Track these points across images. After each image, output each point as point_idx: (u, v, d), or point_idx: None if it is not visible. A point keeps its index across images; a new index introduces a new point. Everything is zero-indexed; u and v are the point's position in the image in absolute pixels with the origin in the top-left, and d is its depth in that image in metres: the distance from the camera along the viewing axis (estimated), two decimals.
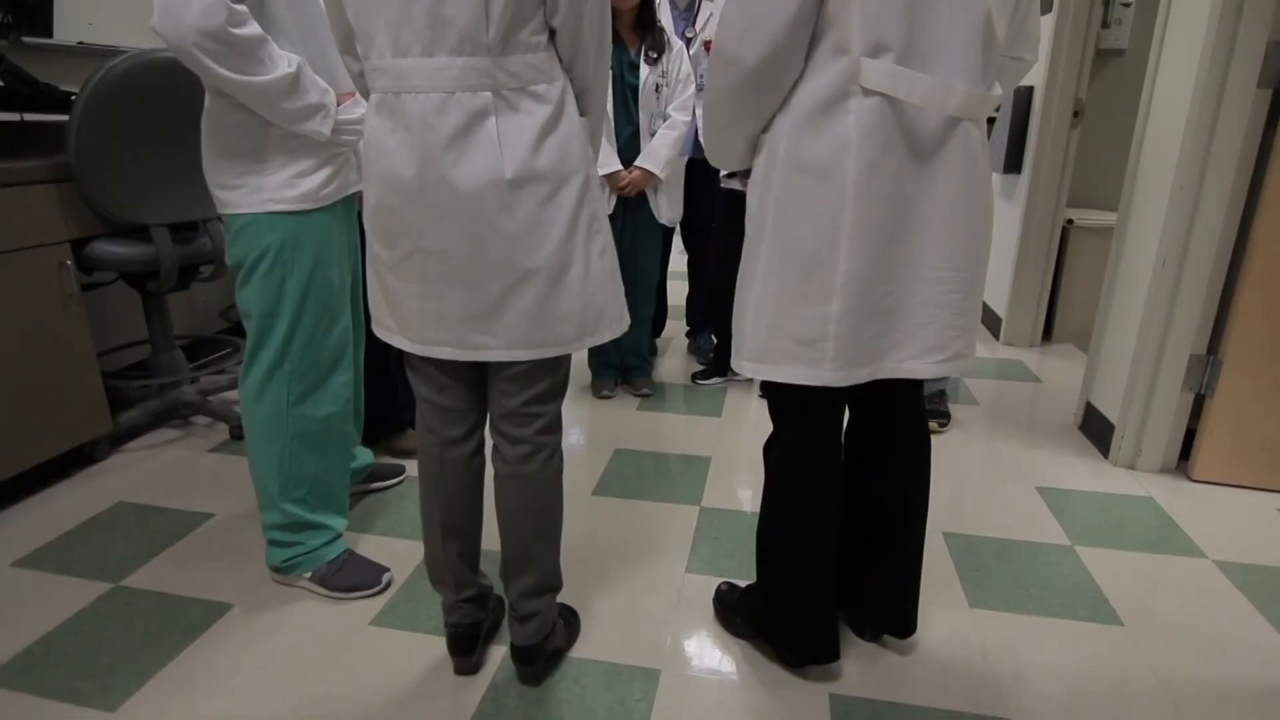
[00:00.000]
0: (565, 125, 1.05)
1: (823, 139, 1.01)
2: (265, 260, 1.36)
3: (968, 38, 0.97)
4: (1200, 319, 1.94)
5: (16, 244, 1.77)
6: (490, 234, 1.03)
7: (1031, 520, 1.82)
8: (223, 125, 1.32)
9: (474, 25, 0.95)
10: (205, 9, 1.13)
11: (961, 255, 1.05)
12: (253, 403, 1.44)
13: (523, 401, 1.16)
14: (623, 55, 2.26)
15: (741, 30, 1.00)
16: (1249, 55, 1.76)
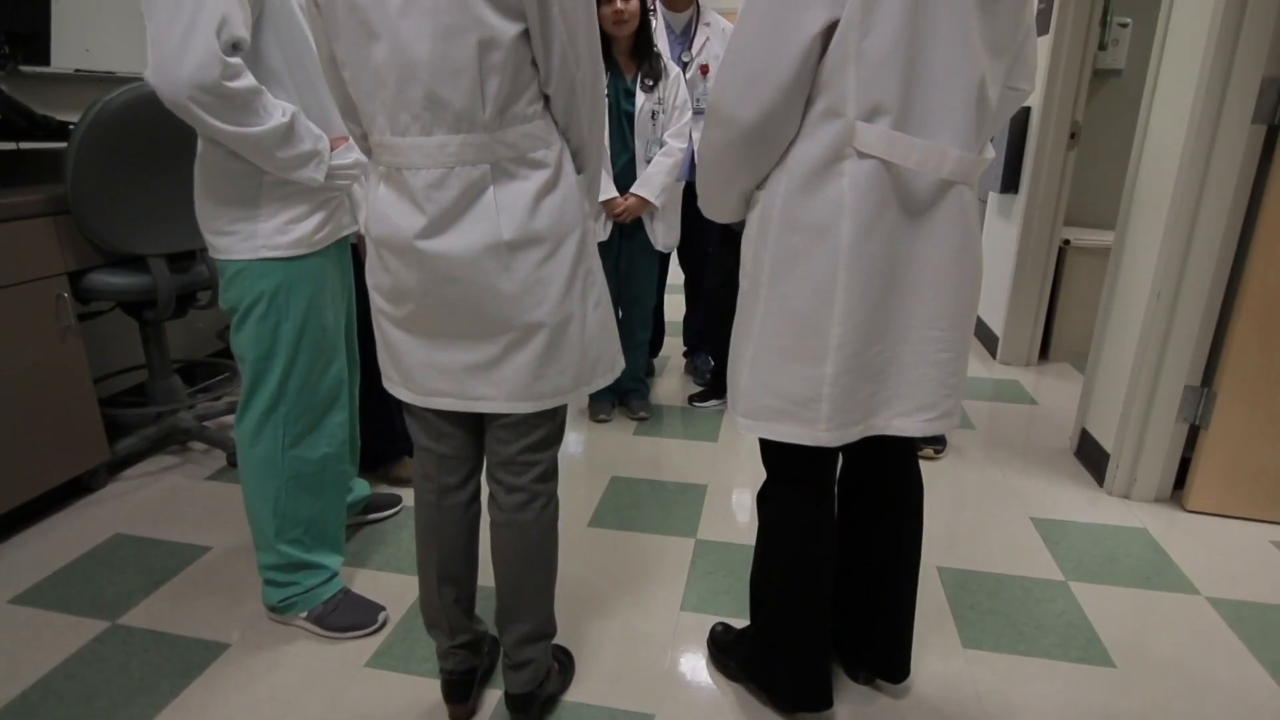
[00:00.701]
0: (562, 186, 1.06)
1: (818, 200, 1.01)
2: (259, 306, 1.36)
3: (962, 102, 0.98)
4: (1195, 351, 1.95)
5: (14, 278, 1.78)
6: (490, 295, 1.04)
7: (1025, 553, 1.83)
8: (216, 172, 1.32)
9: (470, 105, 0.96)
10: (200, 63, 1.13)
11: (952, 315, 1.06)
12: (248, 445, 1.44)
13: (519, 450, 1.17)
14: (619, 82, 2.27)
15: (738, 89, 1.00)
16: (1243, 91, 1.76)
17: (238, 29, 1.17)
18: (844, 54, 0.94)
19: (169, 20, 1.13)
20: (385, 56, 0.96)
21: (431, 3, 0.92)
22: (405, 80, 0.96)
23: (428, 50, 0.94)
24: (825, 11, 0.92)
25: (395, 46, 0.95)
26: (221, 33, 1.14)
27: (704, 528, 1.93)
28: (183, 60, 1.13)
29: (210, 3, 1.14)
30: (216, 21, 1.14)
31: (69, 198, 1.84)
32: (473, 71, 0.95)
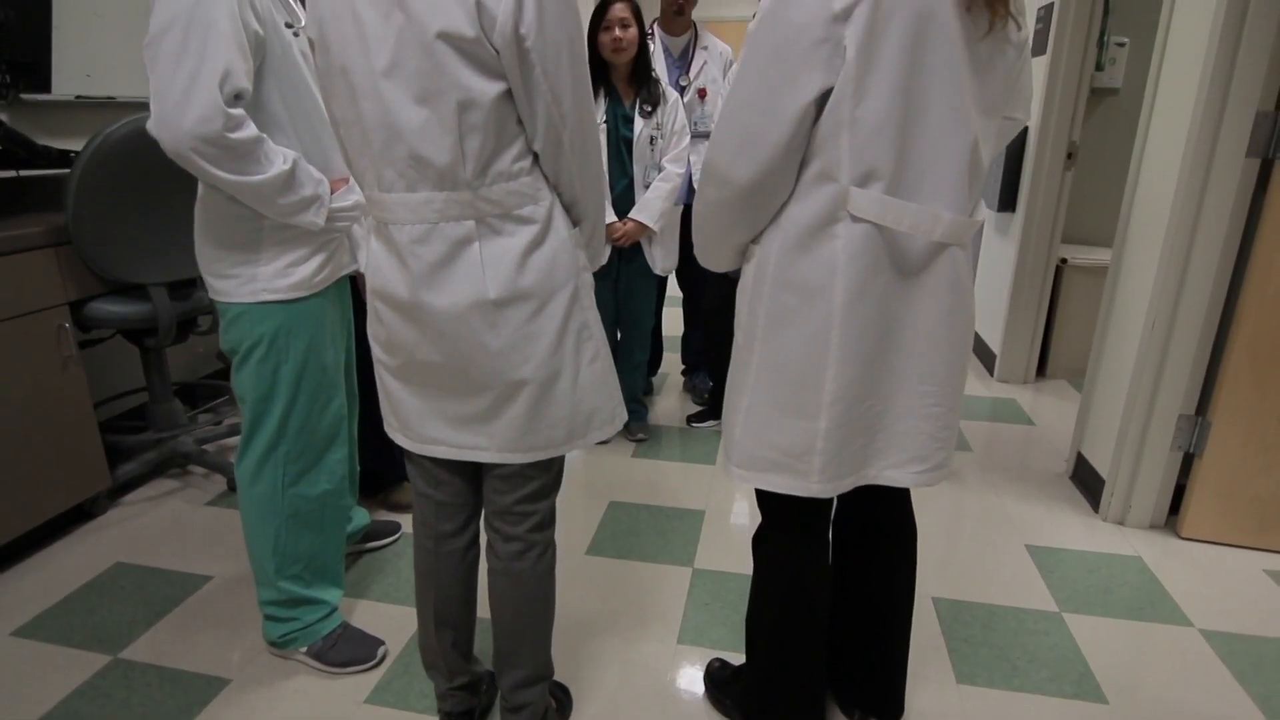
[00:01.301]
0: (551, 241, 1.07)
1: (811, 260, 1.02)
2: (259, 348, 1.37)
3: (954, 166, 0.98)
4: (1189, 380, 1.96)
5: (17, 310, 1.79)
6: (477, 350, 1.05)
7: (1020, 583, 1.84)
8: (216, 216, 1.33)
9: (451, 164, 0.98)
10: (202, 116, 1.15)
11: (944, 371, 1.07)
12: (249, 485, 1.46)
13: (515, 500, 1.18)
14: (617, 108, 2.28)
15: (733, 150, 1.02)
16: (1237, 125, 1.77)
17: (240, 80, 1.19)
18: (837, 121, 0.95)
19: (172, 72, 1.14)
20: (371, 117, 0.98)
21: (413, 66, 0.93)
22: (390, 140, 0.98)
23: (410, 112, 0.95)
24: (820, 78, 0.93)
25: (380, 108, 0.96)
26: (224, 85, 1.16)
27: (701, 556, 1.94)
28: (185, 112, 1.14)
29: (213, 55, 1.15)
30: (220, 74, 1.15)
31: (70, 228, 1.85)
32: (453, 131, 0.96)
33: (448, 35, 0.91)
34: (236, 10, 1.18)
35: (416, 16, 0.91)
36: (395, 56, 0.93)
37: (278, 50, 1.28)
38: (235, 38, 1.17)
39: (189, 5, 1.14)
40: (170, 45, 1.14)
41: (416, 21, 0.91)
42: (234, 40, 1.17)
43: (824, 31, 0.90)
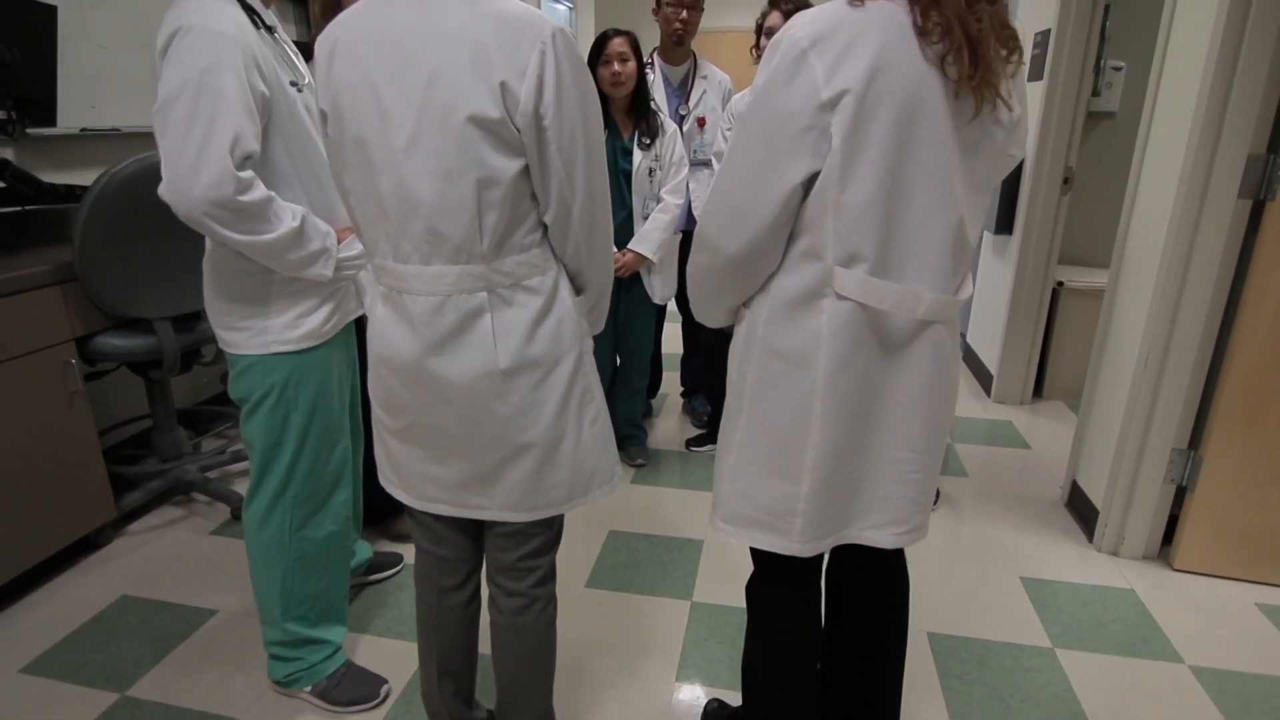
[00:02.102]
0: (557, 311, 1.09)
1: (796, 331, 1.05)
2: (270, 398, 1.40)
3: (939, 248, 1.00)
4: (1182, 414, 1.98)
5: (25, 348, 1.81)
6: (485, 416, 1.07)
7: (1014, 617, 1.87)
8: (225, 271, 1.36)
9: (468, 238, 1.00)
10: (214, 181, 1.16)
11: (923, 440, 1.09)
12: (257, 530, 1.48)
13: (518, 557, 1.20)
14: (616, 141, 2.30)
15: (723, 223, 1.04)
16: (1229, 167, 1.80)
17: (249, 143, 1.20)
18: (823, 204, 0.97)
19: (183, 139, 1.16)
20: (389, 191, 1.00)
21: (435, 144, 0.96)
22: (407, 214, 1.00)
23: (430, 189, 0.97)
24: (806, 164, 0.95)
25: (398, 183, 0.98)
26: (234, 150, 1.17)
27: (699, 589, 1.97)
28: (197, 178, 1.16)
29: (223, 120, 1.17)
30: (230, 139, 1.17)
31: (76, 265, 1.87)
32: (472, 208, 0.98)
33: (476, 118, 0.94)
34: (244, 75, 1.20)
35: (443, 99, 0.94)
36: (416, 133, 0.95)
37: (283, 108, 1.30)
38: (243, 102, 1.19)
39: (197, 72, 1.16)
40: (180, 112, 1.16)
41: (443, 103, 0.94)
42: (242, 104, 1.19)
43: (811, 119, 0.93)
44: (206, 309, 1.41)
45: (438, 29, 0.94)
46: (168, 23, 1.19)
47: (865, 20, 0.92)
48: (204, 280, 1.40)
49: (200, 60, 1.16)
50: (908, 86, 0.92)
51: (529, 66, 0.94)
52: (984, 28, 0.92)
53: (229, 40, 1.18)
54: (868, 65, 0.91)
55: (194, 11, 1.18)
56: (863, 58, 0.91)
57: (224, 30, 1.18)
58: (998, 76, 0.96)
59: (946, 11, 0.91)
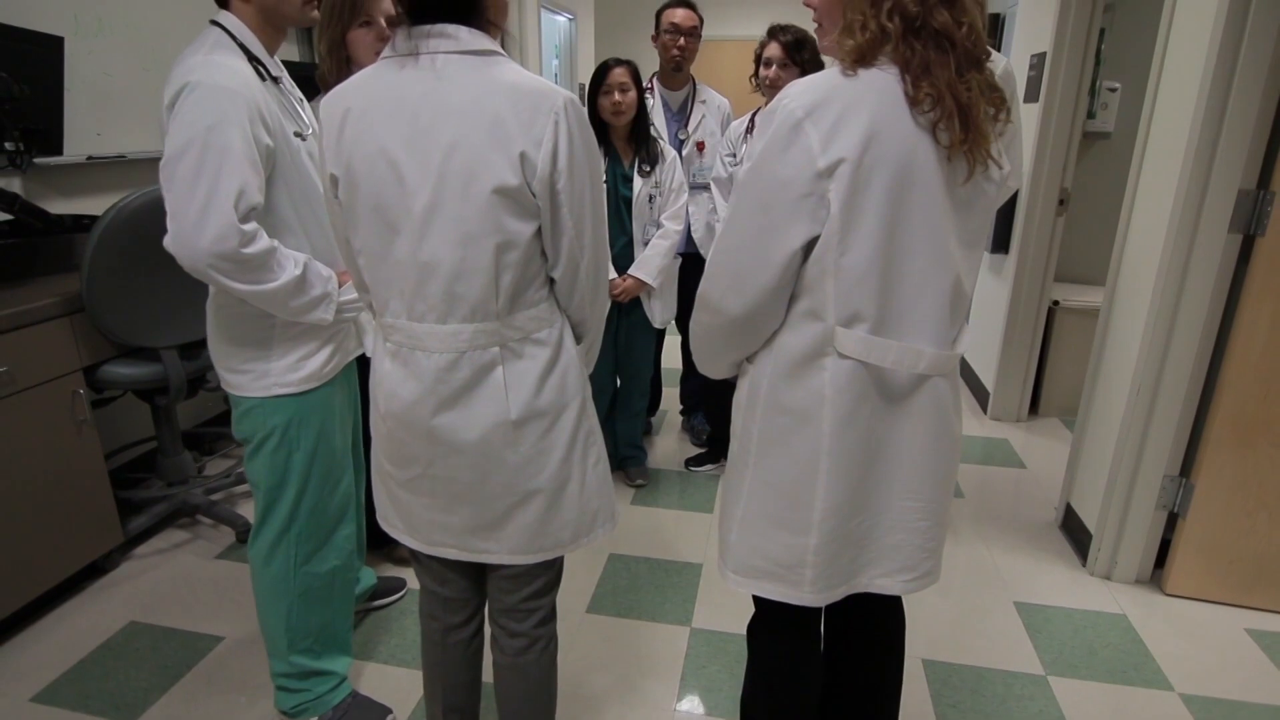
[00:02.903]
0: (563, 361, 1.13)
1: (801, 388, 1.07)
2: (272, 439, 1.42)
3: (936, 305, 1.03)
4: (1174, 443, 2.02)
5: (34, 380, 1.84)
6: (495, 466, 1.10)
7: (1008, 643, 1.90)
8: (228, 315, 1.38)
9: (484, 298, 1.03)
10: (219, 235, 1.19)
11: (929, 489, 1.12)
12: (262, 565, 1.51)
13: (521, 599, 1.23)
14: (617, 168, 2.33)
15: (725, 286, 1.07)
16: (1220, 201, 1.82)
17: (253, 196, 1.23)
18: (823, 268, 0.99)
19: (188, 194, 1.18)
20: (406, 255, 1.02)
21: (456, 210, 0.98)
22: (425, 277, 1.02)
23: (450, 253, 1.00)
24: (805, 229, 0.98)
25: (417, 248, 1.01)
26: (239, 204, 1.20)
27: (699, 615, 2.00)
28: (202, 232, 1.18)
29: (227, 175, 1.19)
30: (234, 195, 1.19)
31: (84, 297, 1.90)
32: (490, 270, 1.01)
33: (497, 187, 0.97)
34: (249, 129, 1.22)
35: (463, 168, 0.96)
36: (435, 200, 0.98)
37: (286, 157, 1.32)
38: (248, 156, 1.22)
39: (203, 129, 1.18)
40: (186, 168, 1.18)
41: (463, 173, 0.96)
42: (246, 159, 1.21)
43: (809, 187, 0.95)
44: (210, 351, 1.44)
45: (454, 100, 0.96)
46: (175, 78, 1.21)
47: (858, 89, 0.95)
48: (207, 323, 1.43)
49: (206, 117, 1.18)
50: (901, 153, 0.95)
51: (544, 136, 0.97)
52: (973, 95, 0.95)
53: (234, 95, 1.21)
54: (862, 134, 0.93)
55: (200, 67, 1.21)
56: (857, 127, 0.93)
57: (230, 86, 1.21)
58: (988, 140, 0.98)
59: (937, 81, 0.93)
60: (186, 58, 1.24)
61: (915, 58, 0.93)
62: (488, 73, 0.98)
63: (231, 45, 1.28)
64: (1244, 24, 1.71)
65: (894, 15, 0.92)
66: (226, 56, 1.25)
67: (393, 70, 1.00)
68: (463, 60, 0.97)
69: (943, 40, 0.93)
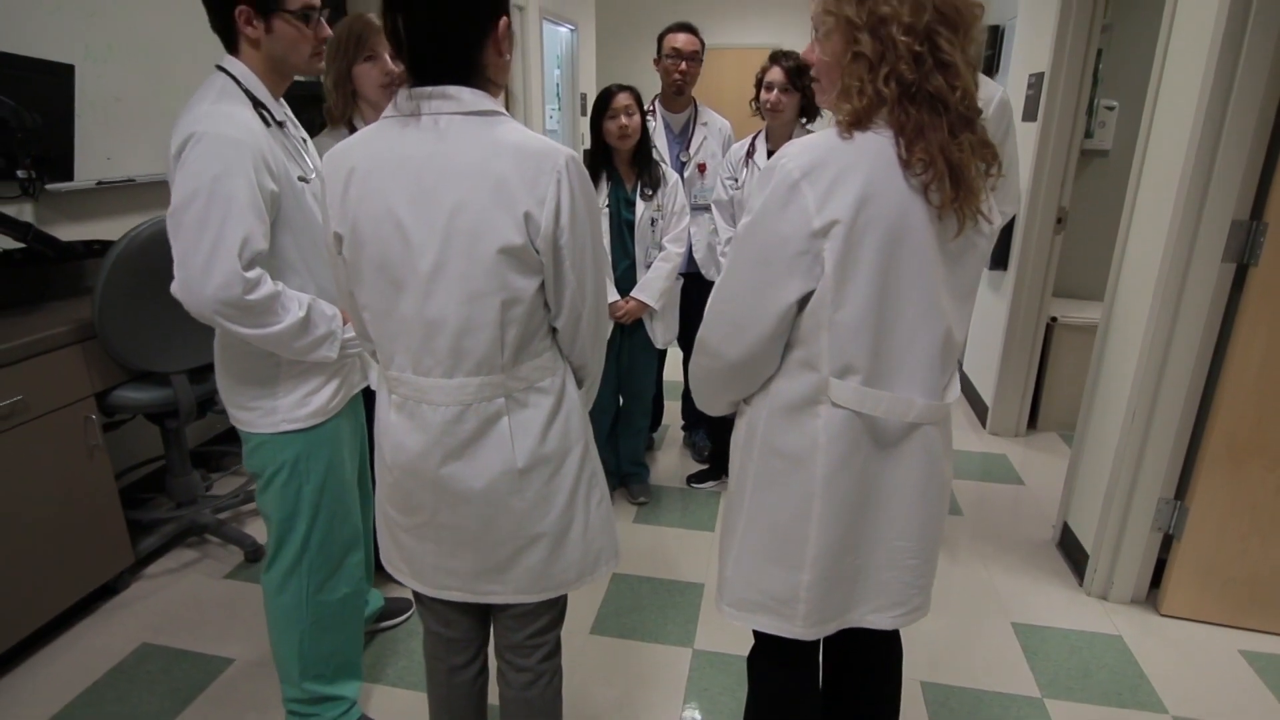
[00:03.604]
0: (566, 407, 1.16)
1: (795, 432, 1.10)
2: (281, 474, 1.45)
3: (927, 356, 1.06)
4: (1168, 466, 2.05)
5: (48, 407, 1.87)
6: (502, 512, 1.13)
7: (1005, 665, 1.93)
8: (234, 354, 1.41)
9: (490, 353, 1.05)
10: (223, 283, 1.22)
11: (919, 529, 1.15)
12: (275, 595, 1.54)
13: (526, 636, 1.26)
14: (619, 192, 2.36)
15: (723, 334, 1.10)
16: (1214, 232, 1.85)
17: (257, 243, 1.25)
18: (817, 322, 1.03)
19: (194, 242, 1.21)
20: (412, 312, 1.04)
21: (462, 269, 1.01)
22: (431, 333, 1.05)
23: (456, 310, 1.03)
24: (800, 284, 1.01)
25: (424, 305, 1.03)
26: (243, 252, 1.22)
27: (700, 636, 2.03)
28: (208, 280, 1.21)
29: (232, 225, 1.21)
30: (239, 242, 1.22)
31: (96, 324, 1.93)
32: (496, 326, 1.04)
33: (503, 247, 1.00)
34: (253, 177, 1.24)
35: (469, 228, 0.99)
36: (441, 259, 1.00)
37: (291, 202, 1.34)
38: (253, 205, 1.24)
39: (209, 179, 1.20)
40: (192, 218, 1.21)
41: (469, 232, 0.99)
42: (251, 208, 1.23)
43: (804, 245, 0.99)
44: (218, 387, 1.46)
45: (459, 162, 0.99)
46: (182, 128, 1.24)
47: (853, 152, 0.98)
48: (215, 360, 1.45)
49: (212, 167, 1.21)
50: (893, 214, 0.98)
51: (548, 195, 1.00)
52: (965, 155, 0.98)
53: (239, 145, 1.23)
54: (855, 196, 0.96)
55: (206, 118, 1.23)
56: (851, 189, 0.97)
57: (234, 135, 1.23)
58: (978, 197, 1.01)
59: (930, 145, 0.96)
60: (193, 107, 1.27)
61: (910, 122, 0.96)
62: (491, 133, 1.00)
63: (237, 92, 1.31)
64: (1237, 56, 1.74)
65: (890, 81, 0.95)
66: (232, 105, 1.28)
67: (396, 130, 1.02)
68: (465, 121, 1.00)
69: (937, 104, 0.96)
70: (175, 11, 2.53)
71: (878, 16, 0.95)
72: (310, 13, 1.32)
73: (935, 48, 0.94)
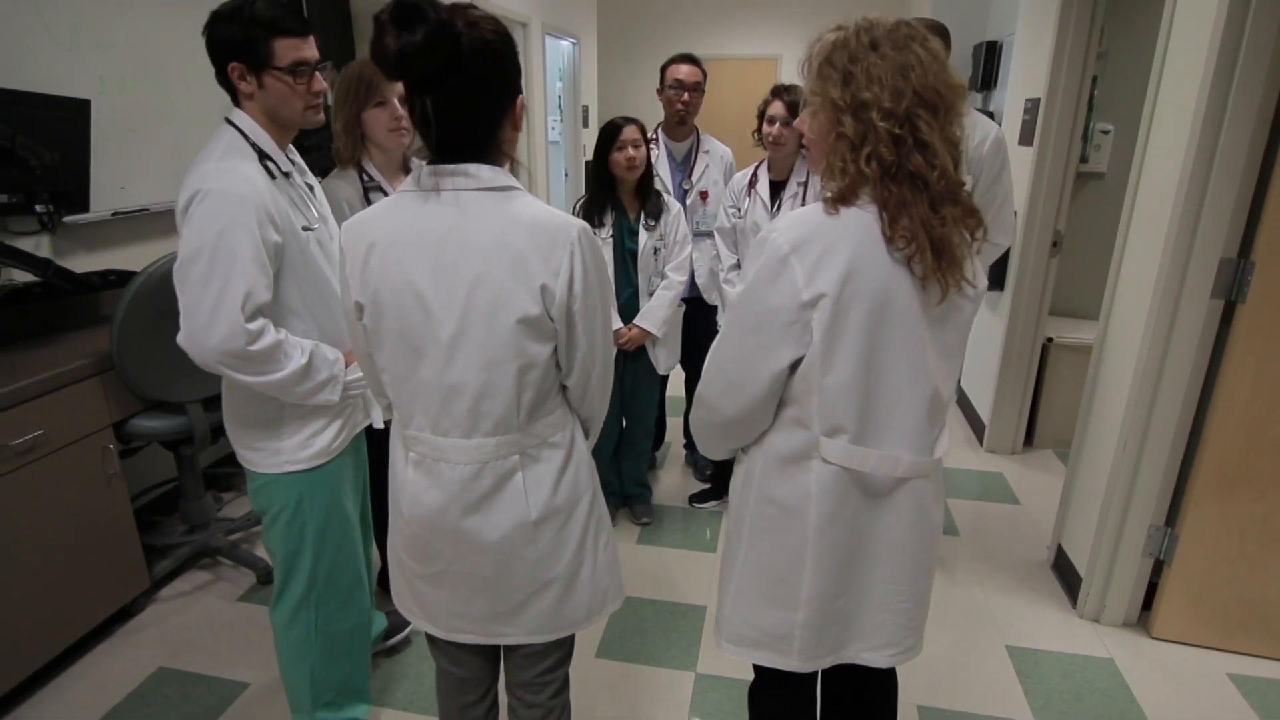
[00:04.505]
0: (575, 458, 1.21)
1: (788, 483, 1.16)
2: (286, 513, 1.50)
3: (914, 416, 1.11)
4: (1159, 494, 2.10)
5: (67, 439, 1.93)
6: (516, 561, 1.19)
7: (1000, 688, 1.98)
8: (240, 397, 1.46)
9: (507, 415, 1.11)
10: (227, 334, 1.27)
11: (909, 572, 1.20)
12: (285, 629, 1.59)
13: (537, 674, 1.32)
14: (623, 221, 2.41)
15: (720, 391, 1.16)
16: (1203, 269, 1.90)
17: (260, 296, 1.30)
18: (808, 385, 1.08)
19: (199, 296, 1.26)
20: (432, 378, 1.09)
21: (481, 338, 1.06)
22: (450, 398, 1.10)
23: (475, 377, 1.08)
24: (791, 351, 1.07)
25: (444, 372, 1.08)
26: (246, 305, 1.27)
27: (703, 660, 2.08)
28: (211, 332, 1.27)
29: (236, 279, 1.26)
30: (242, 296, 1.27)
31: (114, 357, 1.98)
32: (512, 390, 1.10)
33: (520, 318, 1.05)
34: (257, 232, 1.29)
35: (488, 301, 1.04)
36: (461, 329, 1.06)
37: (295, 251, 1.39)
38: (256, 259, 1.29)
39: (214, 236, 1.25)
40: (198, 272, 1.26)
41: (488, 305, 1.04)
42: (254, 262, 1.28)
43: (794, 315, 1.04)
44: (226, 428, 1.51)
45: (477, 239, 1.04)
46: (189, 184, 1.29)
47: (839, 228, 1.04)
48: (222, 403, 1.50)
49: (216, 223, 1.25)
50: (878, 286, 1.03)
51: (562, 268, 1.05)
52: (948, 228, 1.03)
53: (244, 201, 1.28)
54: (841, 270, 1.02)
55: (213, 175, 1.28)
56: (837, 264, 1.02)
57: (239, 191, 1.28)
58: (961, 267, 1.06)
59: (912, 220, 1.01)
60: (201, 163, 1.32)
61: (892, 198, 1.01)
62: (507, 209, 1.05)
63: (243, 146, 1.36)
64: (1226, 98, 1.79)
65: (871, 161, 1.01)
66: (237, 161, 1.33)
67: (417, 204, 1.07)
68: (483, 197, 1.05)
69: (917, 181, 1.01)
70: (185, 41, 2.58)
71: (859, 101, 1.00)
72: (300, 68, 1.36)
73: (915, 129, 1.00)
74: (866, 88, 0.99)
